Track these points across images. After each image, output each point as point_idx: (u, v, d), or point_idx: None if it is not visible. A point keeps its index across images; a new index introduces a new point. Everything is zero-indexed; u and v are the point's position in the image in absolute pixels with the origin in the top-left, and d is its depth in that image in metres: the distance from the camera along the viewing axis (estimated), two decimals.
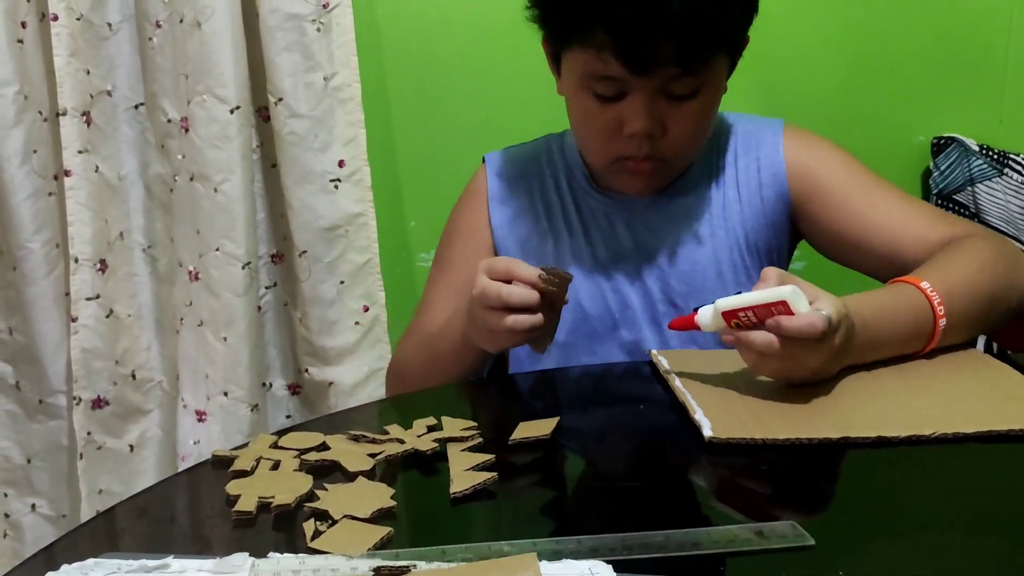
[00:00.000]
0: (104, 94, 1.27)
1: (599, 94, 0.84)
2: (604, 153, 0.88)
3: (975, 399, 0.71)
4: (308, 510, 0.57)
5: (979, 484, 0.61)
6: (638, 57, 0.79)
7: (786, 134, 0.95)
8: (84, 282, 1.27)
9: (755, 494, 0.61)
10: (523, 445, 0.67)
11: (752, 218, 0.93)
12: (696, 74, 0.82)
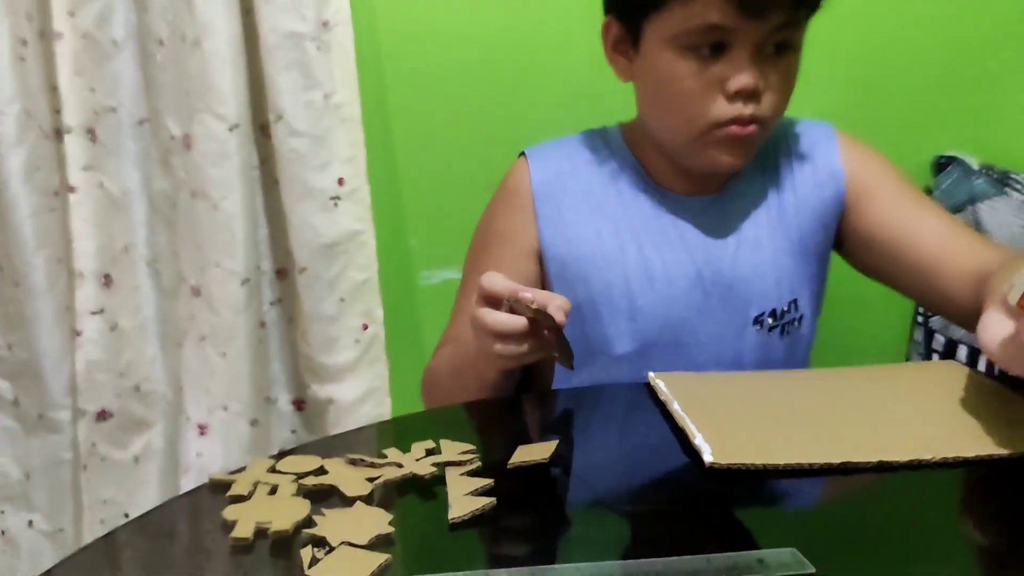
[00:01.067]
0: (109, 110, 1.28)
1: (698, 51, 0.80)
2: (699, 120, 0.83)
3: (975, 422, 0.71)
4: (306, 536, 0.57)
5: (982, 509, 0.61)
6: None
7: (839, 137, 0.94)
8: (88, 296, 1.28)
9: (756, 521, 0.61)
10: (522, 469, 0.67)
11: (808, 220, 0.91)
12: (795, 26, 0.81)
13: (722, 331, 0.91)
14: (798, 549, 0.54)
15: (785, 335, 0.92)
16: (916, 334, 1.36)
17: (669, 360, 0.90)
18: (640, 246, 0.91)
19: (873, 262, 0.93)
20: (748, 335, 0.91)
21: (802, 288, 0.92)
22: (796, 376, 0.89)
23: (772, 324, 0.91)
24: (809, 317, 0.94)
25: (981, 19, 1.29)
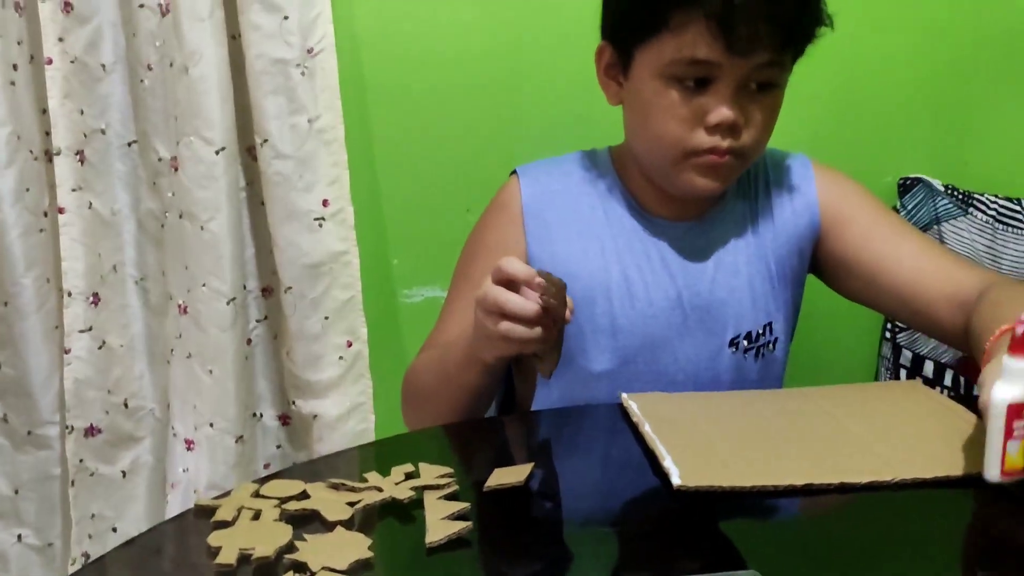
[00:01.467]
0: (98, 132, 1.30)
1: (683, 82, 0.83)
2: (679, 146, 0.86)
3: (933, 444, 0.74)
4: (287, 562, 0.59)
5: (939, 529, 0.64)
6: (739, 37, 0.79)
7: (815, 166, 0.99)
8: (77, 315, 1.30)
9: (722, 542, 0.64)
10: (498, 492, 0.69)
11: (784, 247, 0.95)
12: (779, 65, 0.84)
13: (699, 352, 0.94)
14: (761, 570, 0.57)
15: (760, 358, 0.95)
16: (884, 349, 1.40)
17: (647, 379, 0.93)
18: (623, 267, 0.93)
19: (851, 287, 0.97)
20: (724, 356, 0.94)
21: (777, 312, 0.95)
22: (763, 397, 0.92)
23: (747, 346, 0.94)
24: (783, 341, 0.97)
25: (944, 49, 1.33)
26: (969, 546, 0.62)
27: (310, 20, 1.25)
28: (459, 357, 0.86)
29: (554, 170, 0.97)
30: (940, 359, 1.36)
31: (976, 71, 1.34)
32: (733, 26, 0.79)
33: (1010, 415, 0.60)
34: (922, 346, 1.37)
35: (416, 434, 0.87)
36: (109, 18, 1.27)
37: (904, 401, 0.86)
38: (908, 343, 1.37)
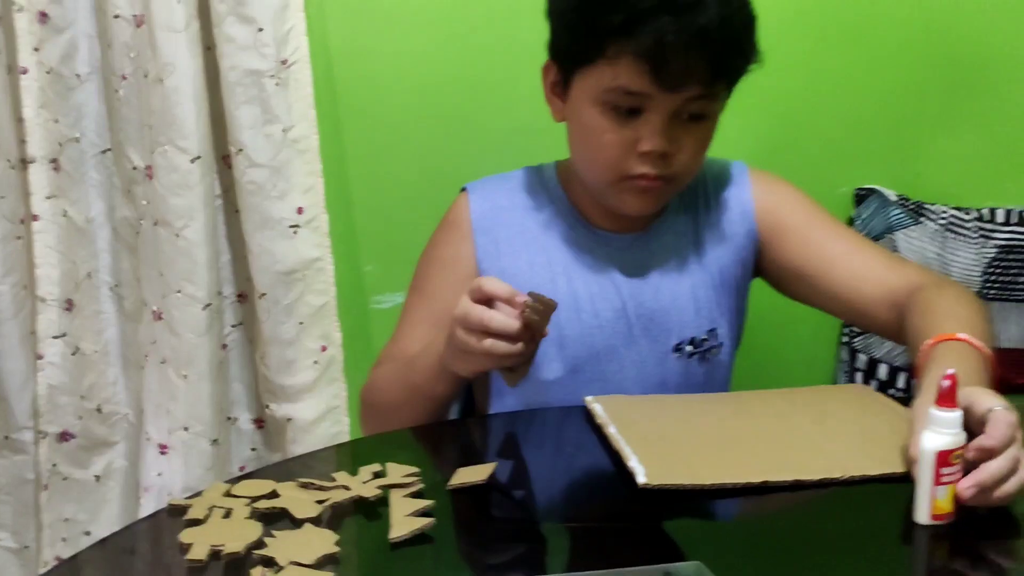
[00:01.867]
0: (72, 141, 1.31)
1: (617, 110, 0.86)
2: (612, 171, 0.89)
3: (879, 443, 0.78)
4: (257, 557, 0.62)
5: (883, 522, 0.68)
6: (669, 72, 0.82)
7: (752, 175, 1.02)
8: (51, 321, 1.31)
9: (675, 536, 0.67)
10: (461, 490, 0.72)
11: (725, 255, 0.99)
12: (710, 98, 0.87)
13: (644, 358, 0.97)
14: (708, 563, 0.60)
15: (704, 362, 0.99)
16: (842, 353, 1.44)
17: (596, 385, 0.95)
18: (569, 279, 0.97)
19: (793, 291, 1.01)
20: (669, 362, 0.97)
21: (720, 318, 0.99)
22: (720, 400, 0.96)
23: (692, 351, 0.98)
24: (728, 345, 1.01)
25: (897, 67, 1.38)
26: (908, 536, 0.66)
27: (284, 32, 1.27)
28: (428, 371, 0.88)
29: (502, 186, 1.01)
30: (894, 362, 1.41)
31: (927, 89, 1.39)
32: (663, 63, 0.82)
33: (938, 463, 0.65)
34: (877, 350, 1.41)
35: (386, 436, 0.89)
36: (84, 29, 1.29)
37: (851, 403, 0.90)
38: (863, 347, 1.42)
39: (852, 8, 1.36)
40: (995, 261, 1.35)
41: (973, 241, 1.36)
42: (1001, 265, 1.35)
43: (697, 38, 0.81)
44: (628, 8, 0.81)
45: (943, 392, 0.65)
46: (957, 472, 0.65)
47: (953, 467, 0.65)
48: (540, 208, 0.99)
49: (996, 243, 1.36)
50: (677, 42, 0.81)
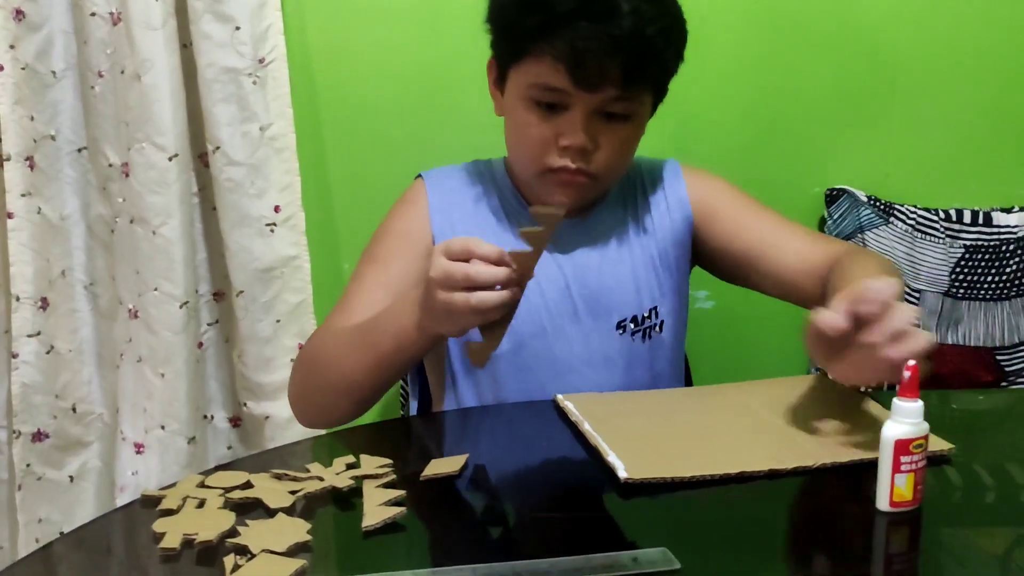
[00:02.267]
0: (48, 138, 1.31)
1: (541, 105, 0.92)
2: (537, 163, 0.95)
3: (849, 431, 0.81)
4: (229, 545, 0.62)
5: (846, 510, 0.70)
6: (586, 72, 0.88)
7: (684, 168, 1.08)
8: (25, 319, 1.30)
9: (643, 525, 0.69)
10: (434, 481, 0.73)
11: (664, 239, 1.04)
12: (630, 100, 0.92)
13: (588, 335, 1.01)
14: (675, 549, 0.61)
15: (647, 339, 1.03)
16: None
17: (545, 361, 0.99)
18: None
19: (727, 272, 1.07)
20: (613, 339, 1.01)
21: (661, 297, 1.03)
22: (687, 394, 0.97)
23: (634, 329, 1.02)
24: (671, 325, 1.05)
25: (868, 68, 1.41)
26: (868, 522, 0.68)
27: (262, 31, 1.28)
28: (400, 332, 0.85)
29: (454, 174, 1.06)
30: None
31: (896, 90, 1.41)
32: (579, 64, 0.88)
33: (897, 451, 0.67)
34: None
35: (360, 428, 0.90)
36: (60, 26, 1.28)
37: (812, 393, 0.93)
38: None
39: (822, 10, 1.38)
40: (962, 261, 1.38)
41: (941, 241, 1.38)
42: (968, 265, 1.38)
43: (610, 45, 0.87)
44: (547, 13, 0.88)
45: (904, 383, 0.67)
46: (917, 460, 0.67)
47: (913, 456, 0.66)
48: (488, 195, 1.04)
49: (963, 243, 1.38)
50: (591, 47, 0.87)
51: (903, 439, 0.66)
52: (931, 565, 0.63)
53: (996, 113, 1.43)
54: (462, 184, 1.05)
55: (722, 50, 1.38)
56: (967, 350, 1.39)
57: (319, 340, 0.95)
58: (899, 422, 0.67)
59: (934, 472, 0.73)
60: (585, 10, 0.87)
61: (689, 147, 1.40)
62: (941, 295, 1.38)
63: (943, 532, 0.67)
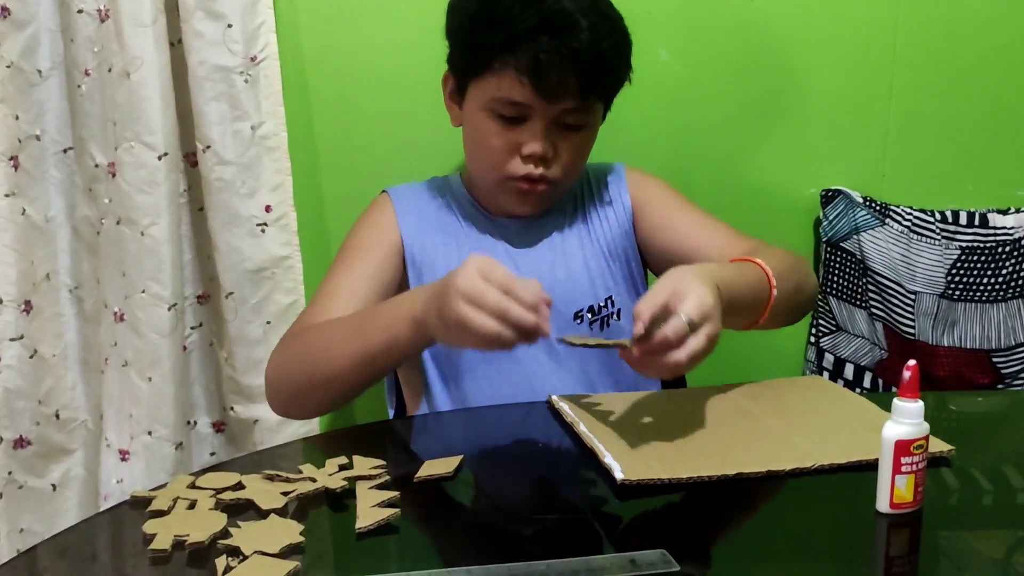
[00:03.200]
0: (33, 138, 1.29)
1: (503, 117, 0.98)
2: (499, 171, 1.01)
3: (845, 432, 0.80)
4: (221, 547, 0.61)
5: (847, 511, 0.70)
6: (547, 85, 0.94)
7: (628, 169, 1.15)
8: (8, 323, 1.28)
9: (641, 527, 0.68)
10: (428, 482, 0.72)
11: (610, 231, 1.10)
12: (585, 111, 0.99)
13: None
14: (674, 552, 0.60)
15: (605, 327, 1.07)
16: (809, 353, 1.45)
17: (508, 357, 1.00)
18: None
19: (655, 266, 1.11)
20: (571, 329, 1.05)
21: (616, 286, 1.09)
22: (682, 395, 0.96)
23: (591, 319, 1.06)
24: (628, 312, 1.08)
25: (864, 67, 1.40)
26: (869, 524, 0.67)
27: (254, 28, 1.26)
28: (394, 325, 0.86)
29: (416, 188, 1.13)
30: (860, 362, 1.43)
31: (893, 89, 1.41)
32: (541, 77, 0.94)
33: (897, 452, 0.66)
34: (843, 350, 1.43)
35: (353, 429, 0.89)
36: (47, 23, 1.26)
37: (809, 394, 0.92)
38: (830, 347, 1.44)
39: (818, 11, 1.38)
40: (958, 262, 1.38)
41: (937, 243, 1.38)
42: (964, 267, 1.38)
43: (570, 58, 0.93)
44: (510, 29, 0.93)
45: (904, 383, 0.66)
46: (917, 462, 0.66)
47: (914, 457, 0.66)
48: (448, 205, 1.11)
49: (959, 244, 1.38)
50: (553, 60, 0.93)
51: (904, 440, 0.66)
52: (931, 568, 0.62)
53: (993, 115, 1.43)
54: (424, 195, 1.12)
55: (717, 50, 1.38)
56: (963, 352, 1.39)
57: (308, 327, 0.97)
58: (899, 423, 0.66)
59: (933, 474, 0.72)
60: (547, 26, 0.92)
61: (684, 148, 1.40)
62: (937, 297, 1.38)
63: (944, 534, 0.66)
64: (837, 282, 1.42)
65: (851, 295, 1.41)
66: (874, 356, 1.42)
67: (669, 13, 1.35)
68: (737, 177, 1.41)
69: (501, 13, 0.94)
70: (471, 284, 0.77)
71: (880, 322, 1.40)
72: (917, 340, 1.38)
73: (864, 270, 1.39)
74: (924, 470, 0.66)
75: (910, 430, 0.66)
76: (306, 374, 0.92)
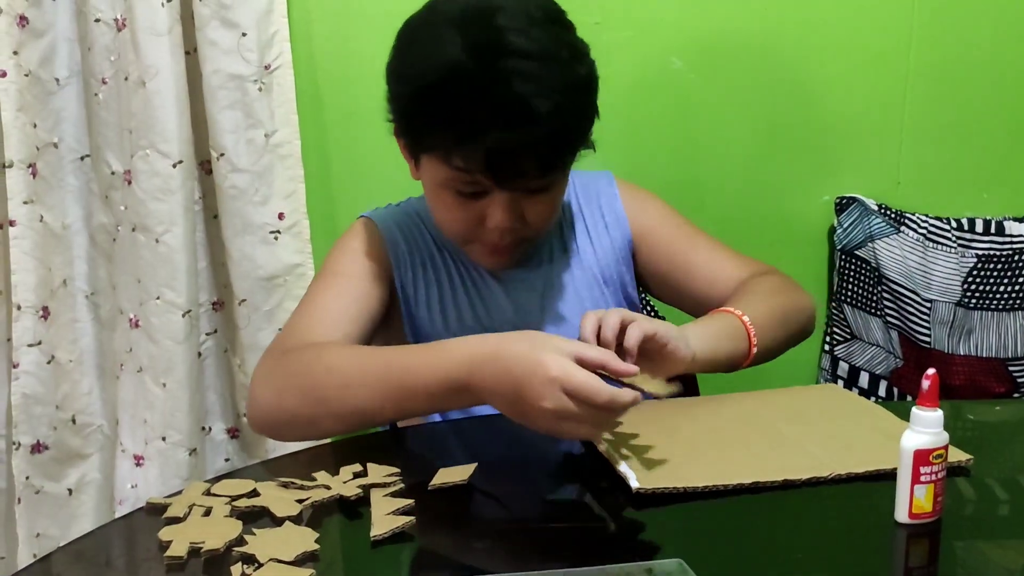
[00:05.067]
0: (50, 146, 1.30)
1: (462, 193, 0.88)
2: (463, 237, 0.94)
3: (861, 441, 0.80)
4: (236, 554, 0.61)
5: (865, 521, 0.68)
6: (504, 174, 0.85)
7: (619, 183, 1.07)
8: (26, 329, 1.29)
9: (657, 535, 0.67)
10: (442, 490, 0.72)
11: (604, 256, 1.03)
12: (550, 178, 0.90)
13: None
14: (691, 561, 0.59)
15: None
16: (823, 361, 1.45)
17: None
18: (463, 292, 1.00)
19: (664, 293, 1.07)
20: None
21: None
22: (696, 403, 0.96)
23: None
24: None
25: (879, 76, 1.40)
26: (887, 534, 0.66)
27: (268, 37, 1.27)
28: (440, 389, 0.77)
29: (398, 215, 1.04)
30: (875, 370, 1.42)
31: (907, 97, 1.41)
32: (496, 168, 0.85)
33: (916, 461, 0.65)
34: (858, 358, 1.43)
35: (367, 436, 0.88)
36: (64, 32, 1.28)
37: (823, 402, 0.92)
38: (845, 355, 1.43)
39: (833, 17, 1.38)
40: (974, 270, 1.37)
41: (952, 251, 1.37)
42: (980, 275, 1.37)
43: (528, 146, 0.83)
44: (458, 126, 0.83)
45: (924, 392, 0.66)
46: (937, 471, 0.65)
47: (933, 466, 0.65)
48: (431, 232, 1.02)
49: (975, 252, 1.37)
50: (507, 152, 0.83)
51: (923, 449, 0.65)
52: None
53: (1009, 121, 1.42)
54: (406, 223, 1.02)
55: (731, 58, 1.37)
56: (979, 361, 1.38)
57: (302, 349, 0.86)
58: (918, 432, 0.65)
59: (950, 483, 0.72)
60: (499, 118, 0.81)
61: (698, 155, 1.39)
62: (953, 305, 1.37)
63: (963, 545, 0.65)
64: (851, 290, 1.41)
65: (866, 303, 1.40)
66: (889, 364, 1.41)
67: (682, 21, 1.35)
68: (751, 185, 1.40)
69: (448, 110, 0.83)
70: (575, 378, 0.68)
71: (895, 330, 1.39)
72: (933, 348, 1.37)
73: (879, 278, 1.38)
74: (944, 480, 0.66)
75: (930, 439, 0.65)
76: (318, 407, 0.81)
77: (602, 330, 0.80)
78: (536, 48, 0.82)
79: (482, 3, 0.85)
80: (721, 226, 1.14)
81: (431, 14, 0.88)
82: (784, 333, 0.98)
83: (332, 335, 0.88)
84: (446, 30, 0.84)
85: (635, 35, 1.34)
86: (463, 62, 0.82)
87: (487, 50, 0.82)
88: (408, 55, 0.89)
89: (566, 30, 0.89)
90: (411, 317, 0.99)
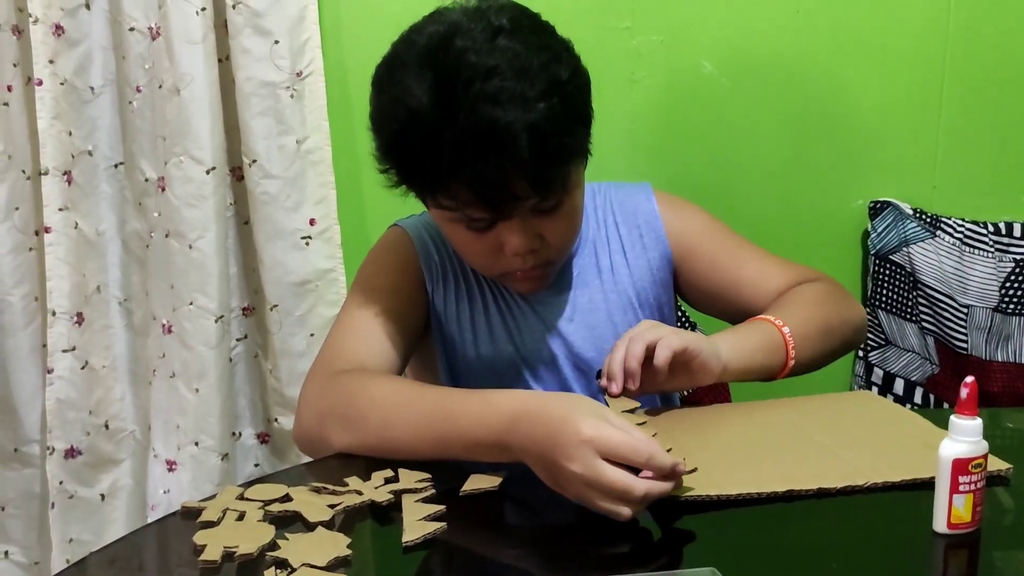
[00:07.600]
0: (85, 154, 1.32)
1: (472, 226, 0.86)
2: (490, 269, 0.92)
3: (897, 449, 0.78)
4: (269, 559, 0.61)
5: (902, 531, 0.67)
6: (499, 202, 0.82)
7: (658, 197, 1.02)
8: (61, 335, 1.31)
9: (689, 543, 0.66)
10: (473, 496, 0.72)
11: (640, 278, 1.00)
12: (556, 195, 0.85)
13: (565, 387, 0.98)
14: (724, 569, 0.59)
15: None
16: (857, 367, 1.43)
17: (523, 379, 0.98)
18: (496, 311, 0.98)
19: (711, 308, 1.05)
20: (593, 388, 0.94)
21: None
22: (731, 409, 0.95)
23: None
24: None
25: (914, 77, 1.38)
26: (925, 545, 0.65)
27: (300, 45, 1.28)
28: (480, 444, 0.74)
29: (429, 226, 1.01)
30: (910, 377, 1.40)
31: (943, 99, 1.39)
32: (490, 200, 0.82)
33: (955, 470, 0.64)
34: (892, 364, 1.40)
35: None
36: (99, 41, 1.30)
37: (858, 409, 0.90)
38: (879, 362, 1.41)
39: (867, 19, 1.36)
40: (1012, 275, 1.34)
41: (990, 255, 1.35)
42: (1018, 279, 1.34)
43: (515, 171, 0.79)
44: (430, 170, 0.81)
45: (962, 400, 0.64)
46: (976, 481, 0.64)
47: (972, 476, 0.64)
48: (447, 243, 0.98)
49: (1013, 257, 1.35)
50: (491, 182, 0.80)
51: (961, 458, 0.64)
52: None
53: None
54: (434, 231, 0.99)
55: (763, 61, 1.36)
56: (1017, 367, 1.35)
57: (345, 375, 0.86)
58: (957, 440, 0.64)
59: (988, 493, 0.70)
60: (479, 149, 0.77)
61: (731, 159, 1.38)
62: (991, 311, 1.34)
63: (1002, 556, 0.64)
64: (886, 295, 1.39)
65: (901, 308, 1.38)
66: (925, 371, 1.38)
67: (713, 24, 1.34)
68: (784, 188, 1.39)
69: (412, 157, 0.82)
70: (605, 476, 0.64)
71: (931, 336, 1.37)
72: (970, 355, 1.35)
73: (914, 283, 1.36)
74: (983, 490, 0.64)
75: (968, 448, 0.64)
76: (356, 438, 0.81)
77: (627, 361, 0.79)
78: (503, 61, 0.78)
79: (442, 27, 0.81)
80: (754, 230, 1.13)
81: (394, 56, 0.85)
82: (827, 346, 0.95)
83: (377, 355, 0.89)
84: (407, 72, 0.81)
85: (665, 39, 1.33)
86: (422, 105, 0.78)
87: (447, 83, 0.78)
88: (378, 104, 0.86)
89: (538, 33, 0.83)
90: (442, 332, 0.98)
